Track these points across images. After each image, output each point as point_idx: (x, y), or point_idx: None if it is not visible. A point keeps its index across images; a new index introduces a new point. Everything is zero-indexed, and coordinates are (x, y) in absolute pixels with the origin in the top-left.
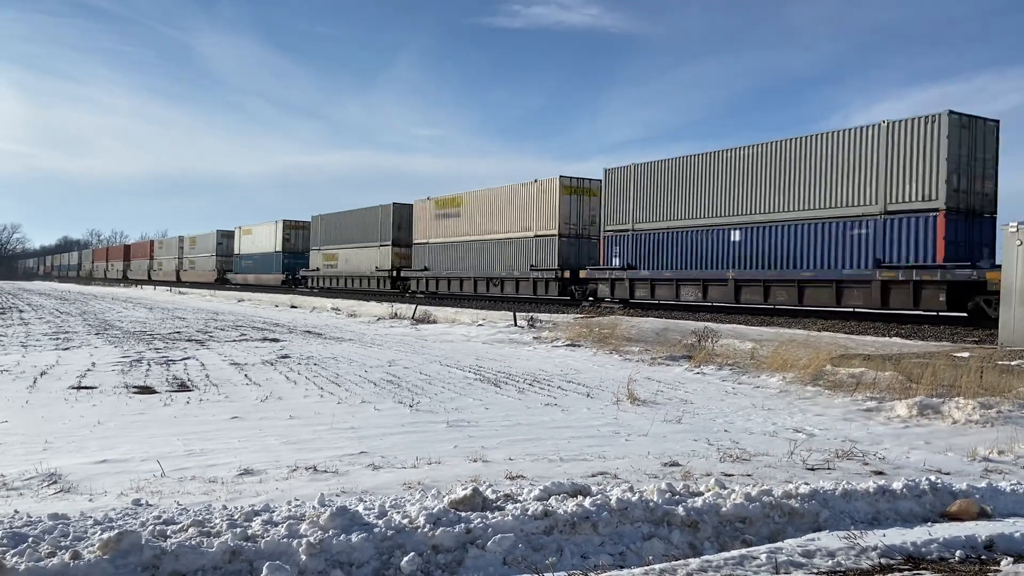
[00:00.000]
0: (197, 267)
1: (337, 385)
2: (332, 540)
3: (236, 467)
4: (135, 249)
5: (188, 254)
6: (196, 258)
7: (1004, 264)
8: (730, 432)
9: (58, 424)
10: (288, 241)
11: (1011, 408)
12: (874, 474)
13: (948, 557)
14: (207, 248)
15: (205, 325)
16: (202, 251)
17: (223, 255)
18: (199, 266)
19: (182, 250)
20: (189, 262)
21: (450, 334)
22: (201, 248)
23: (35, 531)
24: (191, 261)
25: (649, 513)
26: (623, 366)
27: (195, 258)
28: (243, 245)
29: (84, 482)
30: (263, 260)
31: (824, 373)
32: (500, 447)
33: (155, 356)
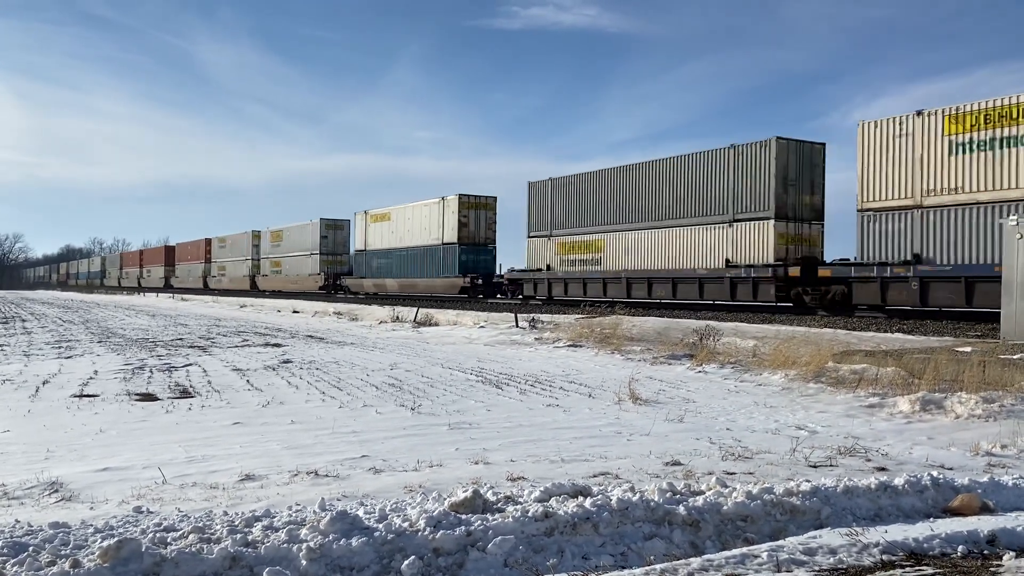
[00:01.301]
0: (285, 270)
1: (339, 389)
2: (332, 545)
3: (237, 473)
4: (182, 251)
5: (269, 252)
6: (283, 258)
7: (1004, 258)
8: (732, 430)
9: (60, 433)
10: (465, 227)
11: (1014, 402)
12: (877, 470)
13: (950, 553)
14: (300, 243)
15: (207, 331)
16: (293, 247)
17: (330, 252)
18: (289, 269)
19: (258, 248)
20: (271, 264)
21: (452, 336)
22: (292, 244)
23: (36, 540)
24: (273, 263)
25: (650, 513)
26: (625, 366)
27: (281, 258)
28: (375, 236)
29: (85, 490)
30: (421, 257)
31: (826, 370)
32: (502, 449)
33: (157, 363)
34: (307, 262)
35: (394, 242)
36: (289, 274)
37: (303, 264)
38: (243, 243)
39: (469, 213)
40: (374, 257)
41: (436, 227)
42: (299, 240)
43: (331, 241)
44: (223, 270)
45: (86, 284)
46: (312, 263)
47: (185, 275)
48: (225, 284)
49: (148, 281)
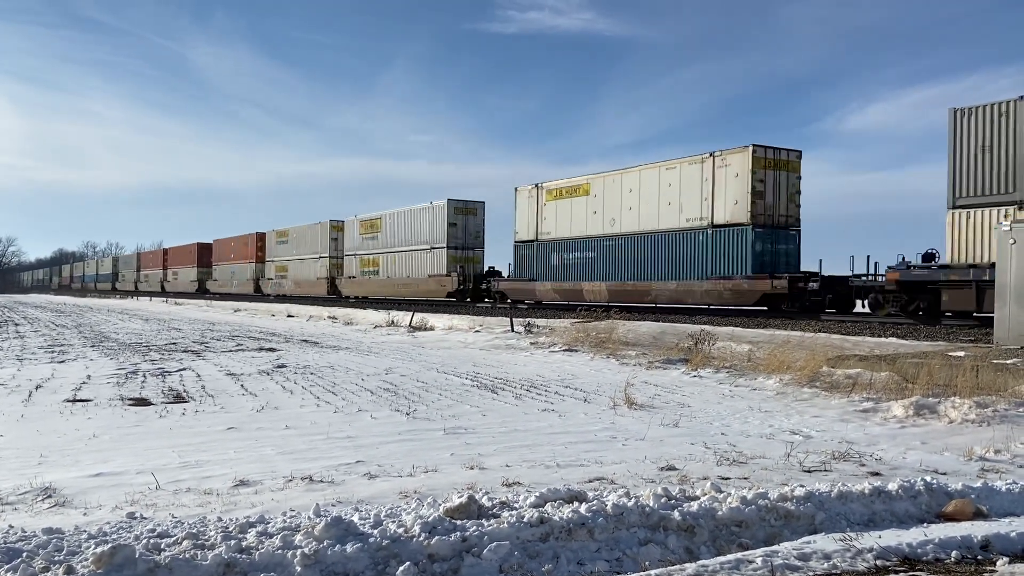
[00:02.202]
0: (388, 269)
1: (334, 394)
2: (327, 551)
3: (232, 478)
4: (222, 248)
5: (358, 246)
6: (384, 254)
7: (997, 263)
8: (727, 435)
9: (53, 438)
10: (760, 200)
11: (1007, 407)
12: (871, 475)
13: (944, 558)
14: (416, 233)
15: (201, 336)
16: (400, 239)
17: (462, 246)
18: (394, 268)
19: (338, 243)
20: (362, 263)
21: (447, 341)
22: (397, 233)
23: (29, 546)
24: (366, 262)
25: (645, 518)
26: (620, 370)
27: (381, 254)
28: (561, 219)
29: (79, 496)
30: (678, 248)
31: (820, 375)
32: (497, 454)
33: (151, 368)
34: (425, 259)
35: (605, 227)
36: (395, 275)
37: (419, 262)
38: (316, 236)
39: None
40: (563, 250)
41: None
42: (410, 228)
43: (462, 230)
44: (283, 271)
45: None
46: (434, 260)
47: (226, 277)
48: (289, 288)
49: (175, 285)
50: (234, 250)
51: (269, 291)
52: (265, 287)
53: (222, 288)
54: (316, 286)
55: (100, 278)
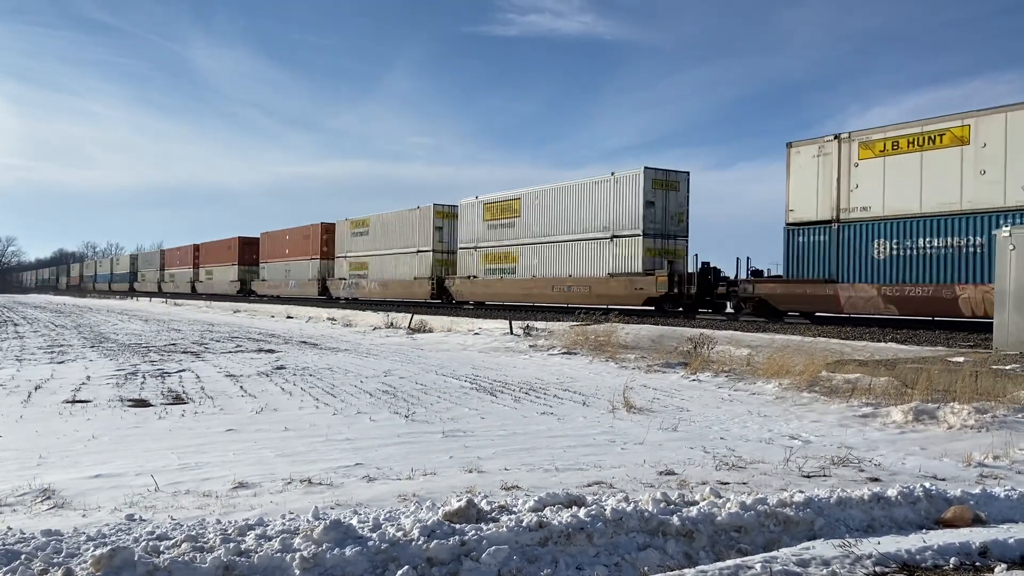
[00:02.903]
0: (549, 266)
1: (333, 396)
2: (326, 554)
3: (231, 480)
4: (273, 243)
5: (482, 236)
6: (530, 246)
7: (996, 268)
8: (726, 439)
9: (52, 439)
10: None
11: (1006, 412)
12: (870, 480)
13: (943, 564)
14: (584, 216)
15: (201, 337)
16: (564, 225)
17: (657, 233)
18: (560, 265)
19: (442, 232)
20: (491, 259)
21: (446, 343)
22: (549, 217)
23: (28, 548)
24: (493, 257)
25: (644, 523)
26: (619, 373)
27: (523, 246)
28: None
29: (78, 497)
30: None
31: (819, 379)
32: (496, 457)
33: (150, 369)
34: (605, 252)
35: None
36: (548, 274)
37: (593, 256)
38: (414, 225)
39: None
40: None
41: None
42: (572, 209)
43: (661, 211)
44: (361, 269)
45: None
46: (623, 252)
47: (279, 277)
48: (370, 290)
49: (210, 285)
50: (290, 244)
51: (341, 294)
52: (335, 288)
53: (274, 290)
54: (412, 288)
55: (116, 278)
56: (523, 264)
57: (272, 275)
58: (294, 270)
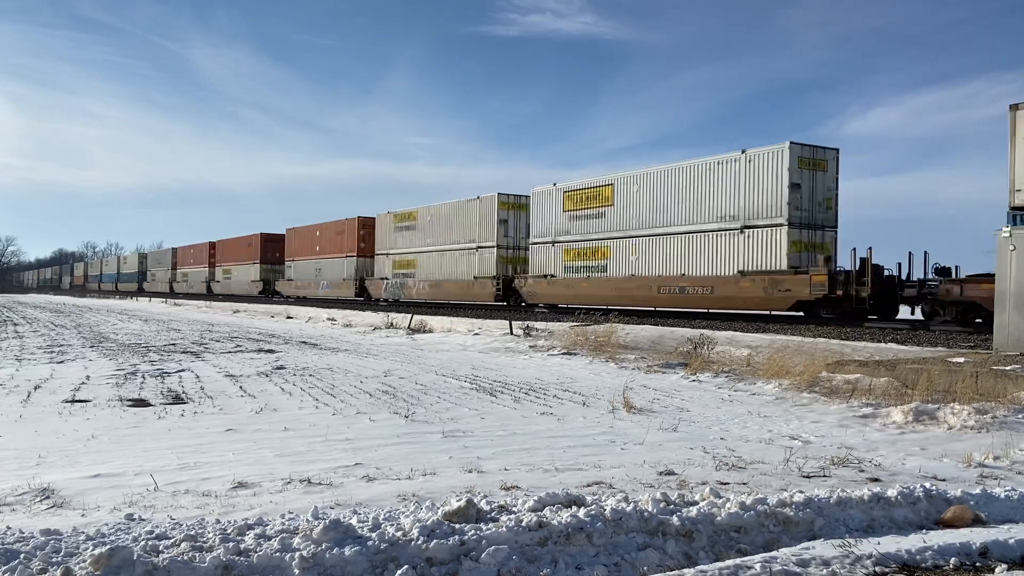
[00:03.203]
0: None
1: (332, 396)
2: (325, 554)
3: (230, 480)
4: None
5: (567, 229)
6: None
7: (997, 269)
8: (726, 440)
9: (51, 438)
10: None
11: (1006, 413)
12: (870, 481)
13: (943, 565)
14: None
15: (200, 337)
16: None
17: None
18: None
19: (506, 225)
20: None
21: (446, 343)
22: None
23: (27, 547)
24: (590, 254)
25: (644, 523)
26: (619, 374)
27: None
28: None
29: (77, 497)
30: None
31: (819, 380)
32: (495, 457)
33: (150, 369)
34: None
35: None
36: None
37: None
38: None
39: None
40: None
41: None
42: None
43: (807, 198)
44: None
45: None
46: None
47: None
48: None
49: (228, 285)
50: (321, 240)
51: (383, 295)
52: (376, 289)
53: (302, 291)
54: (471, 289)
55: (123, 278)
56: (617, 261)
57: (300, 274)
58: (326, 269)
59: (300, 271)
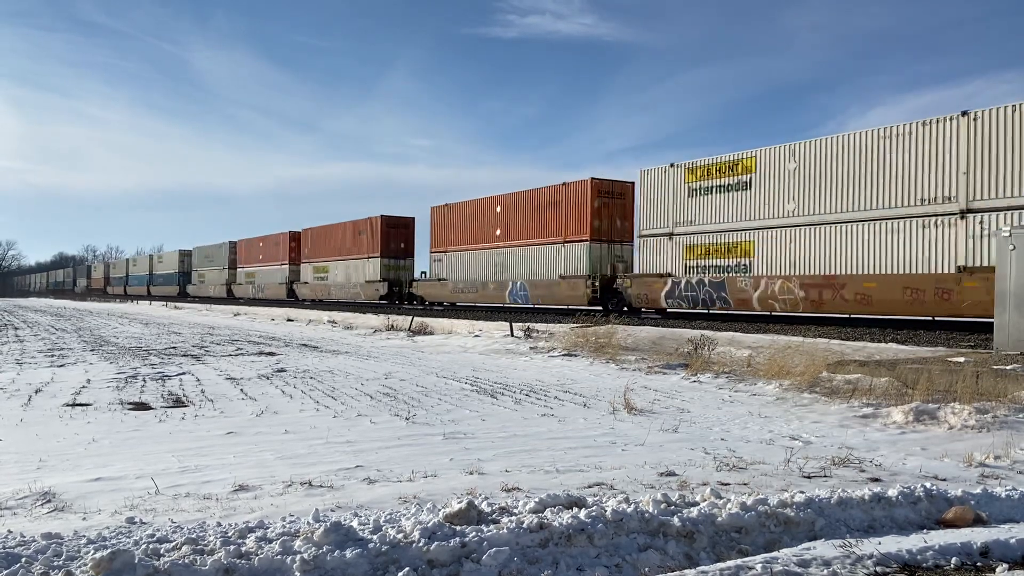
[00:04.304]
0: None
1: (333, 399)
2: (326, 556)
3: (231, 483)
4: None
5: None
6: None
7: (997, 269)
8: (727, 440)
9: (52, 442)
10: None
11: (1007, 413)
12: (870, 481)
13: (944, 564)
14: (914, 187)
15: (201, 340)
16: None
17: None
18: (873, 255)
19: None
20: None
21: (447, 345)
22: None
23: (28, 551)
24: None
25: (645, 524)
26: (620, 375)
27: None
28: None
29: (78, 500)
30: None
31: (820, 380)
32: (496, 459)
33: (150, 372)
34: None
35: None
36: (815, 269)
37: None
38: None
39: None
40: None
41: None
42: (885, 164)
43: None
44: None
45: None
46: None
47: (469, 275)
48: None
49: (323, 289)
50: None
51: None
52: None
53: (462, 295)
54: (558, 290)
55: (157, 280)
56: (763, 257)
57: (457, 270)
58: (515, 261)
59: (456, 267)
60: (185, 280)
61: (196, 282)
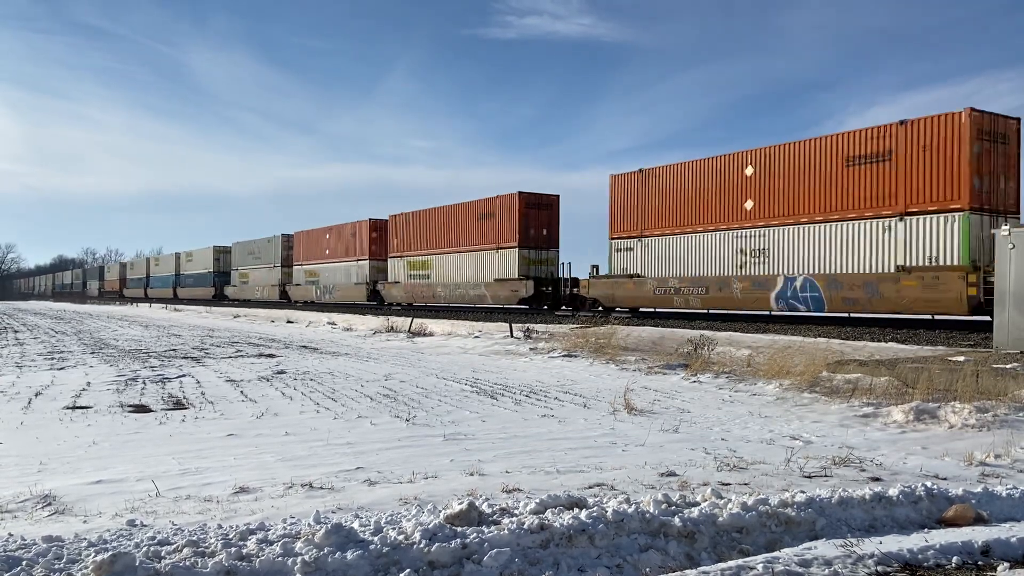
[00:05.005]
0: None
1: (333, 400)
2: (327, 558)
3: (231, 485)
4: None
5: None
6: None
7: (996, 267)
8: (727, 440)
9: (53, 445)
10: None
11: (1007, 412)
12: (871, 480)
13: (945, 564)
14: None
15: (201, 342)
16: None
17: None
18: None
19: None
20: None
21: (446, 346)
22: None
23: (29, 554)
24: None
25: (645, 524)
26: (620, 375)
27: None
28: None
29: (79, 503)
30: None
31: (820, 379)
32: (497, 460)
33: (150, 374)
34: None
35: None
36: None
37: None
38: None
39: None
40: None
41: None
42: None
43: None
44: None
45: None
46: None
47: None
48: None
49: (408, 289)
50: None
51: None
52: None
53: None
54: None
55: (185, 280)
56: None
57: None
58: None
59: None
60: (222, 281)
61: (237, 283)
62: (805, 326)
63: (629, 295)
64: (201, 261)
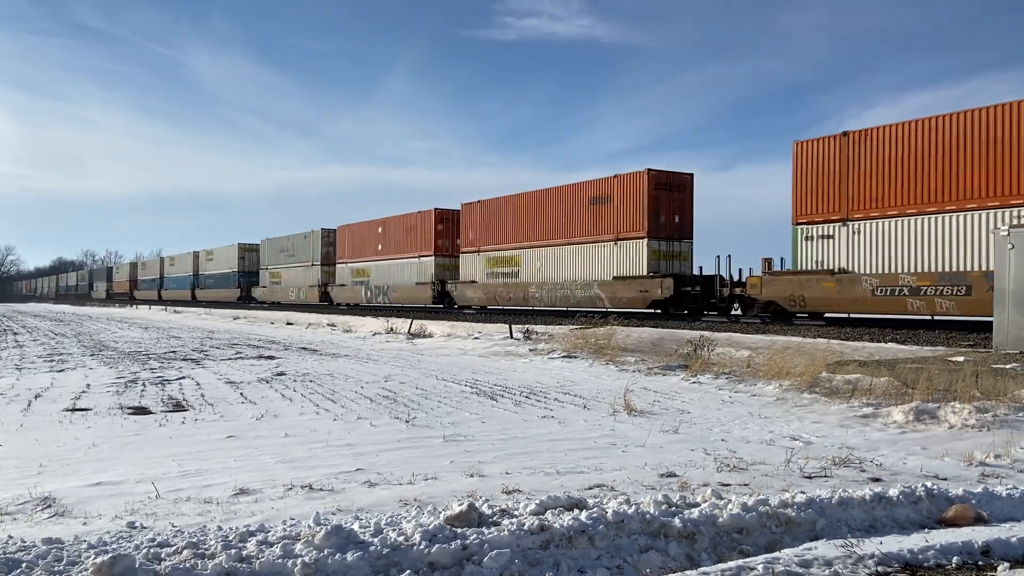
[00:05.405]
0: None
1: (333, 402)
2: (327, 560)
3: (231, 487)
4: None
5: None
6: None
7: (995, 268)
8: (727, 441)
9: (52, 447)
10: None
11: (1007, 412)
12: (871, 481)
13: (945, 564)
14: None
15: (200, 344)
16: None
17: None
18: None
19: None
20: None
21: (446, 348)
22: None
23: (29, 556)
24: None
25: (646, 525)
26: (619, 376)
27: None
28: None
29: (78, 505)
30: None
31: (820, 380)
32: (497, 461)
33: (150, 376)
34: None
35: None
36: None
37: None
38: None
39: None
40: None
41: None
42: None
43: None
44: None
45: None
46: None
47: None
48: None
49: (485, 290)
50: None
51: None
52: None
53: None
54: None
55: (205, 281)
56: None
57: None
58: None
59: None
60: (248, 281)
61: (267, 283)
62: (804, 326)
63: (827, 297)
64: (224, 260)
